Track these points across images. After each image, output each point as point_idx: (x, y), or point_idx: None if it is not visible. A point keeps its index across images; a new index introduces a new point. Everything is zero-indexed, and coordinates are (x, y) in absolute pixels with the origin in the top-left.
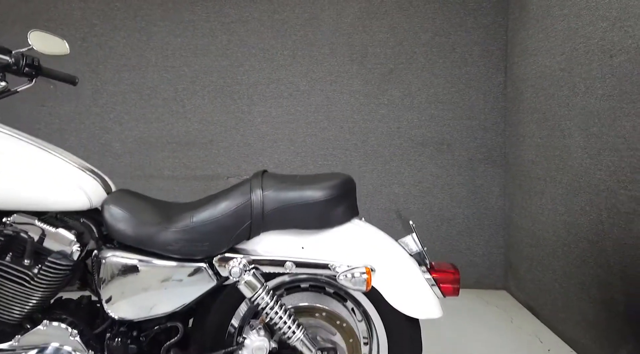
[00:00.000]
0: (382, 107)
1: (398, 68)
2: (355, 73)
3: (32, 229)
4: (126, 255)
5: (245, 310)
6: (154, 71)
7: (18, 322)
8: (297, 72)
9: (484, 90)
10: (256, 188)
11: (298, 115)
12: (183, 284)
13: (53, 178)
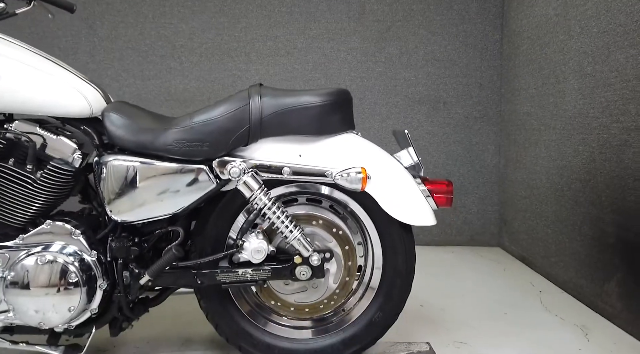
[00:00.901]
0: (379, 65)
1: (395, 25)
2: (352, 30)
3: (34, 136)
4: (128, 158)
5: (243, 222)
6: (152, 28)
7: (21, 226)
8: (294, 29)
9: (481, 47)
10: (254, 94)
11: (295, 73)
12: (183, 186)
13: (56, 84)
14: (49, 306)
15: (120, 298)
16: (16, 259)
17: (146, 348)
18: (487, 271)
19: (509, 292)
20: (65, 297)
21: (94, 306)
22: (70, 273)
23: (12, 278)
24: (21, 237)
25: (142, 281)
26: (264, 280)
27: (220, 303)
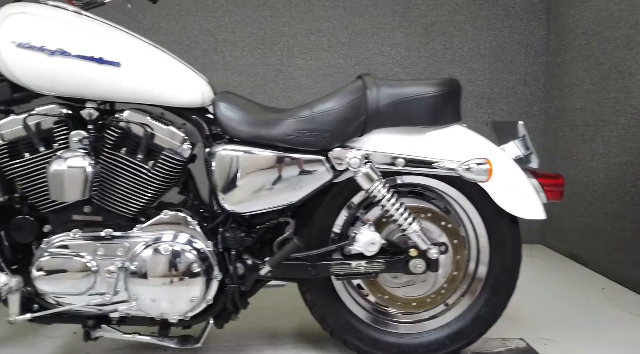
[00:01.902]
0: (423, 60)
1: (440, 20)
2: (397, 25)
3: (144, 126)
4: (244, 149)
5: (347, 216)
6: (194, 21)
7: (132, 216)
8: (338, 23)
9: (526, 43)
10: (371, 84)
11: (338, 67)
12: (300, 176)
13: (173, 73)
14: (172, 297)
15: (233, 289)
16: (137, 249)
17: (235, 341)
18: (539, 268)
19: (569, 289)
20: (188, 287)
21: (209, 297)
22: (192, 264)
23: (135, 268)
24: (139, 227)
25: (263, 272)
26: (377, 272)
27: (326, 296)
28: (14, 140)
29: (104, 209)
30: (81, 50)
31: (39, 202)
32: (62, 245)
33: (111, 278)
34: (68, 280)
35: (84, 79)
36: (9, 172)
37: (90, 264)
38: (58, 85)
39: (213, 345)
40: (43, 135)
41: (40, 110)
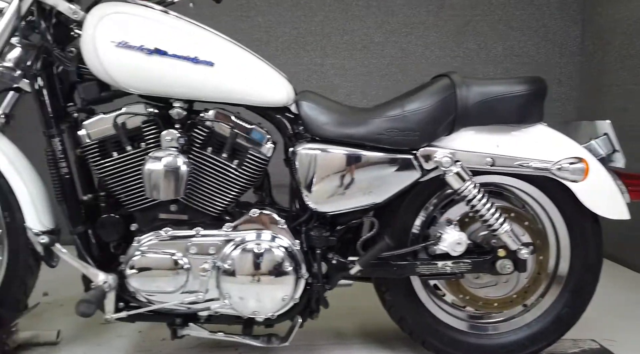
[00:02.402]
0: (457, 60)
1: (474, 20)
2: (431, 24)
3: (229, 125)
4: (332, 148)
5: (424, 217)
6: (227, 21)
7: (217, 214)
8: (372, 23)
9: (560, 43)
10: (460, 82)
11: (372, 67)
12: (389, 175)
13: (261, 73)
14: (265, 295)
15: (319, 288)
16: (230, 247)
17: (304, 341)
18: None
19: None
20: (280, 286)
21: (297, 296)
22: (284, 262)
23: (229, 266)
24: (228, 226)
25: (353, 271)
26: (463, 272)
27: (406, 296)
28: (101, 139)
29: (189, 208)
30: (178, 49)
31: (126, 201)
32: (155, 243)
33: (204, 276)
34: (161, 277)
35: (178, 78)
36: (96, 171)
37: (183, 262)
38: (151, 84)
39: (282, 345)
40: (131, 134)
41: (129, 109)
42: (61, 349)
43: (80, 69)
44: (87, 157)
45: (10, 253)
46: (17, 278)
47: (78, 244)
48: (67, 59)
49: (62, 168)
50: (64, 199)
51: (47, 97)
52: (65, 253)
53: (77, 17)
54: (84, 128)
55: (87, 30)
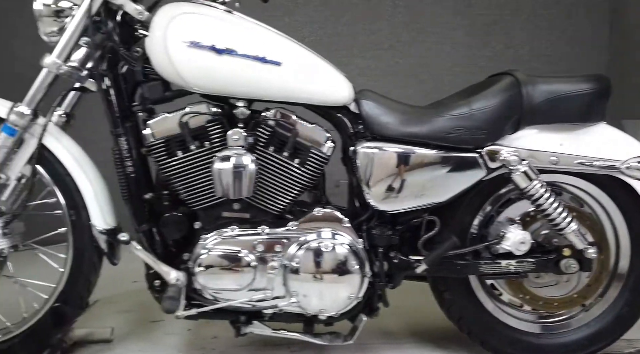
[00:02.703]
0: (483, 59)
1: (502, 19)
2: (458, 24)
3: (291, 124)
4: (395, 147)
5: (482, 216)
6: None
7: (279, 213)
8: (398, 22)
9: (588, 43)
10: (525, 80)
11: (398, 67)
12: (453, 174)
13: (324, 74)
14: (333, 294)
15: (381, 287)
16: (296, 246)
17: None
18: None
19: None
20: (347, 285)
21: (361, 294)
22: (351, 261)
23: (296, 264)
24: (292, 224)
25: (419, 270)
26: (526, 272)
27: (466, 295)
28: (166, 138)
29: (252, 206)
30: (247, 49)
31: (190, 199)
32: (222, 241)
33: (273, 274)
34: (229, 275)
35: (245, 78)
36: (161, 170)
37: (250, 260)
38: (219, 83)
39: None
40: (195, 134)
41: (193, 108)
42: (115, 347)
43: (145, 69)
44: (151, 155)
45: (75, 250)
46: (82, 276)
47: (143, 242)
48: (133, 58)
49: (128, 167)
50: (130, 198)
51: (114, 97)
52: (140, 250)
53: (142, 17)
54: (148, 128)
55: (156, 30)
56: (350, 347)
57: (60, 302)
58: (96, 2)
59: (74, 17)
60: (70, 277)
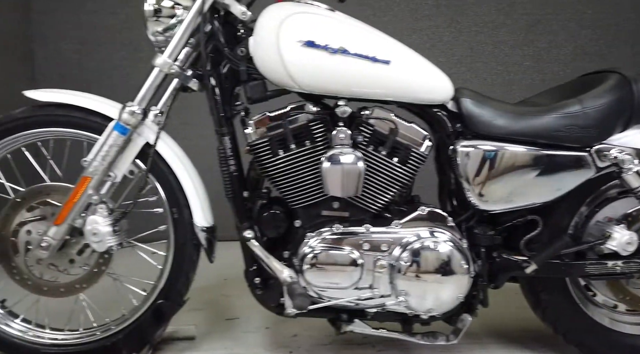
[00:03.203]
0: (526, 59)
1: (545, 18)
2: (500, 23)
3: (391, 123)
4: (499, 145)
5: (578, 216)
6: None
7: (377, 212)
8: (441, 22)
9: (632, 41)
10: (634, 78)
11: (440, 66)
12: (561, 173)
13: (428, 72)
14: (442, 294)
15: (483, 287)
16: (404, 244)
17: None
18: None
19: None
20: (456, 285)
21: (465, 294)
22: (460, 261)
23: (406, 264)
24: (396, 223)
25: (529, 270)
26: (632, 273)
27: (563, 296)
28: (267, 137)
29: (351, 205)
30: (359, 48)
31: (290, 198)
32: (328, 239)
33: (380, 273)
34: (336, 273)
35: (354, 77)
36: (261, 168)
37: (357, 258)
38: (327, 82)
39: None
40: (297, 132)
41: (295, 108)
42: (201, 345)
43: (248, 69)
44: (252, 154)
45: (176, 248)
46: (182, 273)
47: (245, 240)
48: (237, 58)
49: (231, 165)
50: (234, 196)
51: (219, 96)
52: (257, 247)
53: (245, 17)
54: (250, 127)
55: (263, 31)
56: (435, 348)
57: (161, 299)
58: (207, 2)
59: (185, 17)
60: (171, 274)
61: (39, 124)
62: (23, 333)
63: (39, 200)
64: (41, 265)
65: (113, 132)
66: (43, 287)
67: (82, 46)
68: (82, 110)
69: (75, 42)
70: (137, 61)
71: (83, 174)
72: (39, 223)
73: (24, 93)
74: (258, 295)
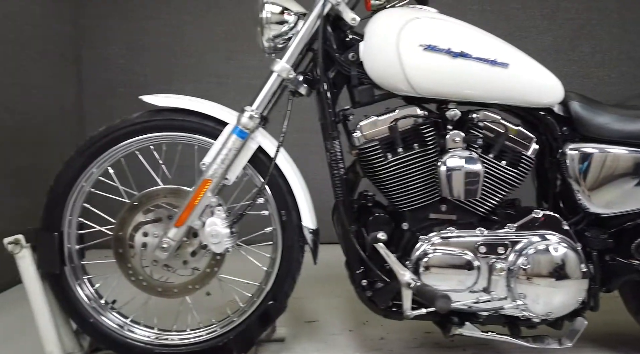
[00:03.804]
0: (571, 64)
1: (590, 23)
2: (545, 29)
3: (500, 126)
4: (612, 148)
5: None
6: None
7: (484, 214)
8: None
9: None
10: None
11: None
12: None
13: (541, 76)
14: (562, 297)
15: (596, 291)
16: (520, 248)
17: None
18: None
19: None
20: (576, 288)
21: (584, 297)
22: (579, 264)
23: (525, 267)
24: (510, 226)
25: None
26: None
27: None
28: (375, 141)
29: (459, 208)
30: (480, 52)
31: (399, 201)
32: (443, 242)
33: (497, 276)
34: (453, 276)
35: (473, 81)
36: (369, 172)
37: (474, 261)
38: (445, 86)
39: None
40: (405, 136)
41: (405, 112)
42: (293, 346)
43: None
44: (360, 157)
45: (284, 250)
46: (289, 274)
47: (354, 242)
48: (347, 63)
49: (341, 168)
50: (344, 198)
51: (330, 101)
52: (383, 248)
53: (355, 23)
54: (358, 130)
55: (379, 37)
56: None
57: (268, 300)
58: (327, 7)
59: (301, 23)
60: (278, 276)
61: (155, 128)
62: (134, 333)
63: (155, 202)
64: (156, 266)
65: (232, 136)
66: (157, 288)
67: (128, 51)
68: (197, 115)
69: (122, 47)
70: (181, 66)
71: (203, 177)
72: (154, 226)
73: (141, 98)
74: (367, 296)
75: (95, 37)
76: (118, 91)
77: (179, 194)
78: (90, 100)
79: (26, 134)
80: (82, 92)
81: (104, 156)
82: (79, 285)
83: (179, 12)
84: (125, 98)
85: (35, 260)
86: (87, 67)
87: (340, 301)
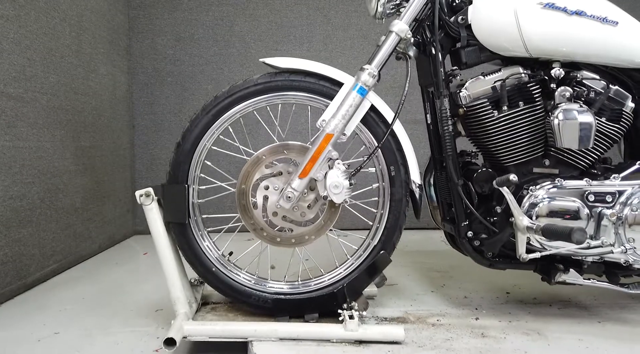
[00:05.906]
0: None
1: None
2: None
3: (600, 83)
4: None
5: None
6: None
7: (585, 168)
8: None
9: None
10: None
11: None
12: None
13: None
14: None
15: None
16: (628, 195)
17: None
18: None
19: None
20: None
21: None
22: None
23: (633, 213)
24: (615, 176)
25: None
26: None
27: None
28: (482, 99)
29: (561, 162)
30: (593, 10)
31: (504, 156)
32: (553, 192)
33: (606, 223)
34: (562, 224)
35: (586, 39)
36: (476, 128)
37: (584, 209)
38: (559, 45)
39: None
40: (510, 94)
41: (510, 71)
42: (386, 302)
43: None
44: (468, 115)
45: (392, 203)
46: (397, 227)
47: (462, 195)
48: (456, 26)
49: (451, 125)
50: (452, 153)
51: (441, 61)
52: (507, 193)
53: None
54: (465, 89)
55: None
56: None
57: (377, 252)
58: None
59: None
60: (387, 228)
61: (276, 89)
62: (250, 282)
63: (277, 157)
64: (276, 218)
65: (352, 92)
66: (276, 238)
67: (177, 42)
68: (313, 76)
69: (171, 37)
70: (228, 56)
71: (325, 131)
72: (276, 179)
73: (261, 60)
74: (475, 247)
75: (145, 28)
76: (166, 81)
77: (298, 150)
78: (139, 88)
79: (86, 116)
80: (132, 81)
81: (227, 115)
82: (201, 236)
83: (227, 3)
84: (173, 87)
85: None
86: (137, 56)
87: (409, 270)
